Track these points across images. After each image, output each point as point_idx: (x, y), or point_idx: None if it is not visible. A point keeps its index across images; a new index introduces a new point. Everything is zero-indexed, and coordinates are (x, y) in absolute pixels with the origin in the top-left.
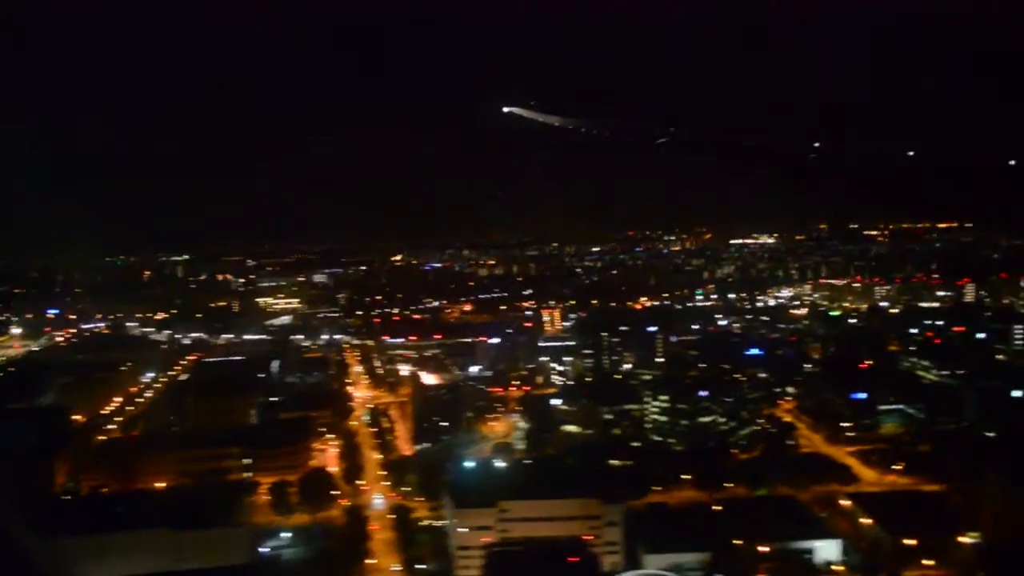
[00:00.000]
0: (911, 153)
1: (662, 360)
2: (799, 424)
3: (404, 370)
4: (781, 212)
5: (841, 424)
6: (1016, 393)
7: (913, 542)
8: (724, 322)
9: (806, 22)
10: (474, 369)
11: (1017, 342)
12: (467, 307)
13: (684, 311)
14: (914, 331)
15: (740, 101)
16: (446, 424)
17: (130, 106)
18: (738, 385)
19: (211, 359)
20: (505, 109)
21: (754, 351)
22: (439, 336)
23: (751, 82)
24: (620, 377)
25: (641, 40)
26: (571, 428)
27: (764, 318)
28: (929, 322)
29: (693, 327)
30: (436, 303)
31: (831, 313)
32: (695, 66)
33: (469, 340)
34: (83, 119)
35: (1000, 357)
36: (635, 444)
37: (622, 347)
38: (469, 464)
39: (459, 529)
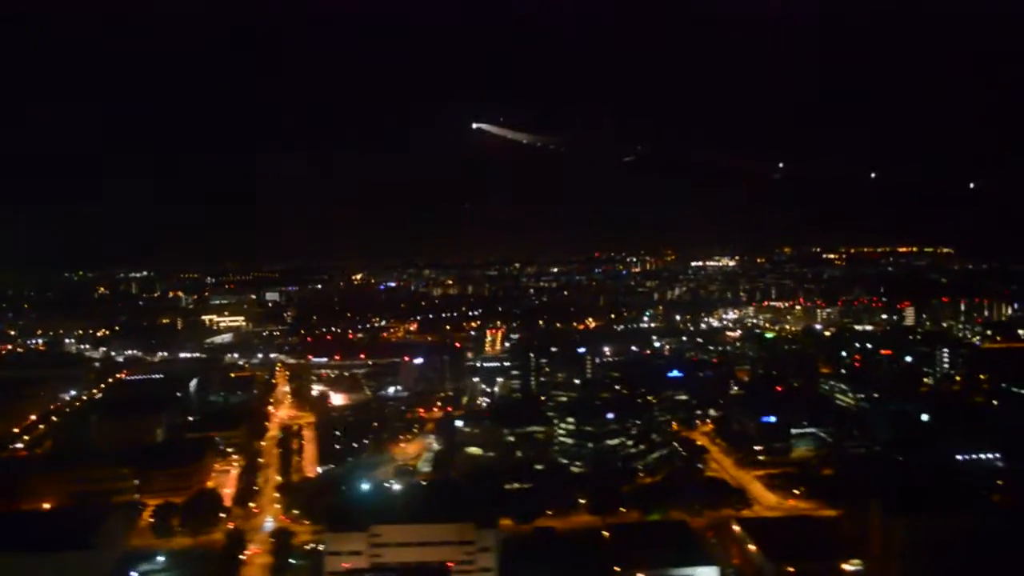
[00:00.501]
0: (873, 175)
1: (582, 382)
2: (713, 447)
3: (318, 391)
4: (746, 234)
5: (753, 448)
6: (925, 416)
7: (791, 569)
8: (659, 344)
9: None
10: (391, 390)
11: (944, 365)
12: (412, 327)
13: (624, 332)
14: (844, 354)
15: (707, 121)
16: (354, 446)
17: (101, 117)
18: (649, 407)
19: (131, 377)
20: (474, 126)
21: (675, 373)
22: (363, 356)
23: (717, 102)
24: (530, 398)
25: (608, 59)
26: (474, 450)
27: (699, 340)
28: (859, 345)
29: (627, 348)
30: (383, 322)
31: (766, 335)
32: (663, 86)
33: (394, 360)
34: (51, 130)
35: (927, 380)
36: (538, 467)
37: (551, 368)
38: (358, 487)
39: (329, 554)
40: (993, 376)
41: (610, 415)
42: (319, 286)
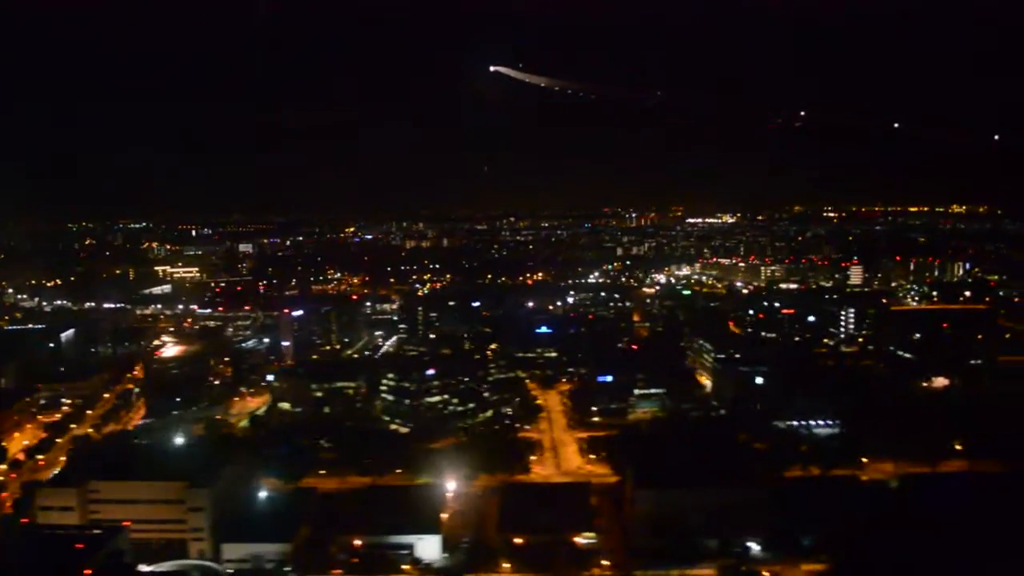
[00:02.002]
0: (896, 125)
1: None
2: (556, 407)
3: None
4: (766, 192)
5: (591, 408)
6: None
7: (519, 540)
8: (571, 299)
9: None
10: (261, 341)
11: (849, 326)
12: (356, 280)
13: (554, 287)
14: (751, 312)
15: (728, 68)
16: (178, 399)
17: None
18: (482, 364)
19: (11, 327)
20: (492, 68)
21: (544, 330)
22: (248, 308)
23: (741, 49)
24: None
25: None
26: (285, 406)
27: (616, 295)
28: (767, 304)
29: (535, 303)
30: (337, 274)
31: (683, 292)
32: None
33: (273, 313)
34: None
35: (827, 341)
36: (348, 424)
37: (440, 322)
38: (157, 442)
39: (41, 509)
40: (889, 337)
41: (430, 372)
42: (300, 238)
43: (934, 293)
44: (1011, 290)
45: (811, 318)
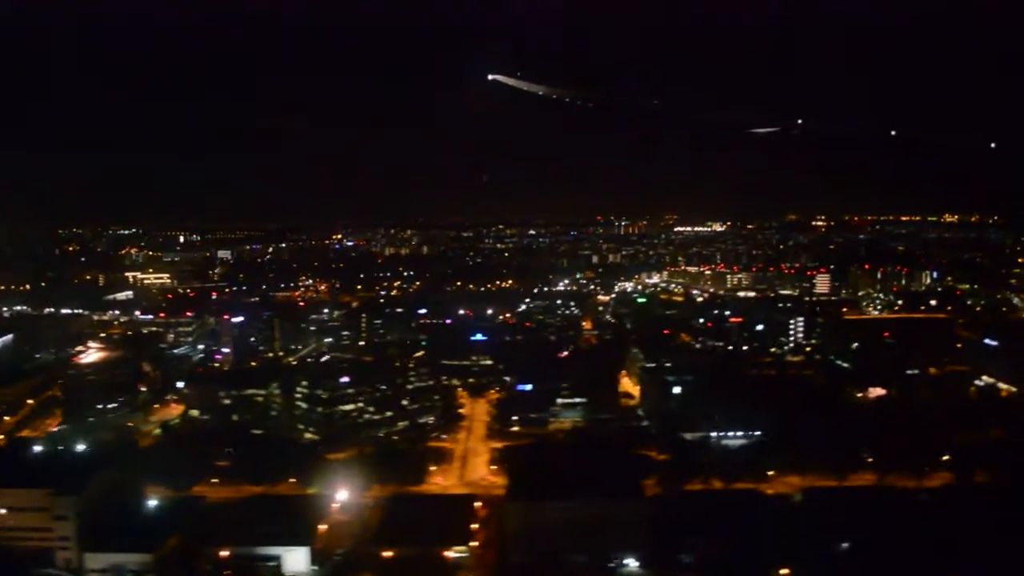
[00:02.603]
0: (893, 133)
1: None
2: (482, 415)
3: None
4: (762, 201)
5: (511, 417)
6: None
7: (388, 554)
8: (523, 307)
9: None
10: (185, 348)
11: (798, 335)
12: (323, 286)
13: (512, 295)
14: (701, 320)
15: (727, 77)
16: (99, 406)
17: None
18: (402, 372)
19: None
20: (490, 77)
21: (479, 337)
22: (189, 313)
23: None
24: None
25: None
26: (195, 412)
27: (571, 302)
28: (716, 312)
29: (485, 310)
30: (309, 281)
31: (638, 300)
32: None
33: (210, 319)
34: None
35: (774, 350)
36: (255, 432)
37: (382, 330)
38: (64, 448)
39: None
40: (832, 347)
41: (344, 379)
42: (283, 244)
43: (900, 302)
44: (979, 299)
45: (759, 327)
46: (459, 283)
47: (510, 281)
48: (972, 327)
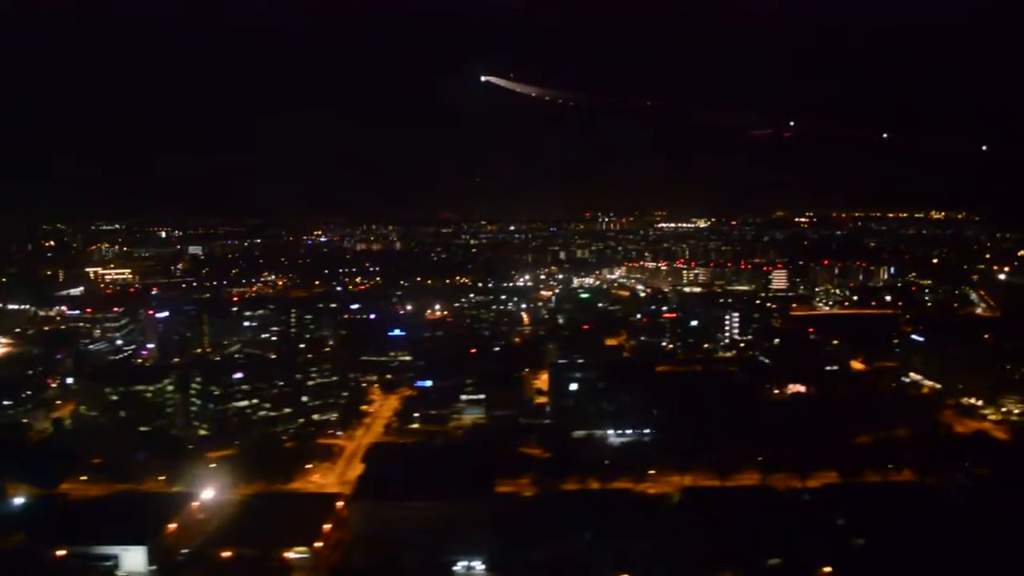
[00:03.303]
0: (885, 135)
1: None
2: (386, 413)
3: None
4: (748, 196)
5: (413, 414)
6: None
7: (228, 554)
8: (465, 300)
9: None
10: (103, 344)
11: (734, 331)
12: (282, 281)
13: (455, 291)
14: (638, 316)
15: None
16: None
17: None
18: (302, 368)
19: None
20: (483, 79)
21: (396, 332)
22: (116, 309)
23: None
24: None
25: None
26: (83, 409)
27: (514, 298)
28: (654, 307)
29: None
30: (272, 276)
31: (581, 295)
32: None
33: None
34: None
35: (707, 346)
36: (144, 428)
37: (312, 325)
38: None
39: None
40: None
41: (238, 375)
42: (258, 240)
43: (855, 297)
44: (936, 294)
45: (694, 323)
46: (418, 278)
47: (470, 277)
48: (916, 323)
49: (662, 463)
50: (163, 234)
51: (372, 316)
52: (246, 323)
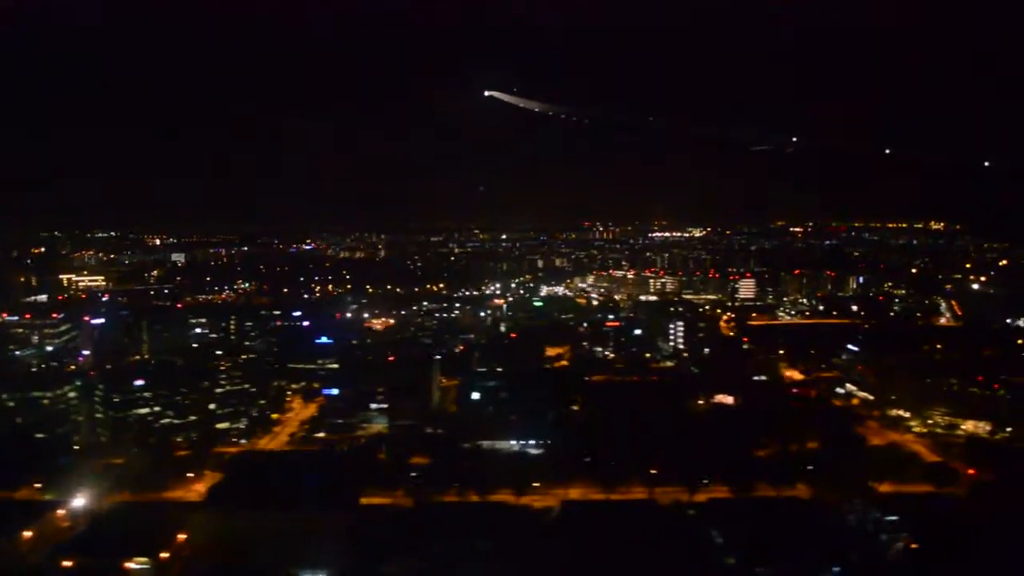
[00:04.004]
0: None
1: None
2: (297, 420)
3: None
4: (750, 206)
5: (323, 421)
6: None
7: (68, 564)
8: (417, 308)
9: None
10: (30, 350)
11: (678, 340)
12: (250, 288)
13: (412, 299)
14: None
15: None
16: None
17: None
18: (210, 375)
19: None
20: (486, 93)
21: (323, 340)
22: (55, 316)
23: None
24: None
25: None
26: None
27: (468, 306)
28: (599, 316)
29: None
30: (245, 284)
31: (535, 304)
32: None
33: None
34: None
35: (648, 355)
36: (40, 435)
37: (252, 332)
38: None
39: None
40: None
41: (139, 382)
42: (245, 248)
43: (820, 307)
44: (907, 304)
45: (638, 331)
46: (388, 286)
47: (439, 284)
48: (867, 332)
49: (552, 475)
50: (158, 241)
51: (306, 323)
52: (186, 330)
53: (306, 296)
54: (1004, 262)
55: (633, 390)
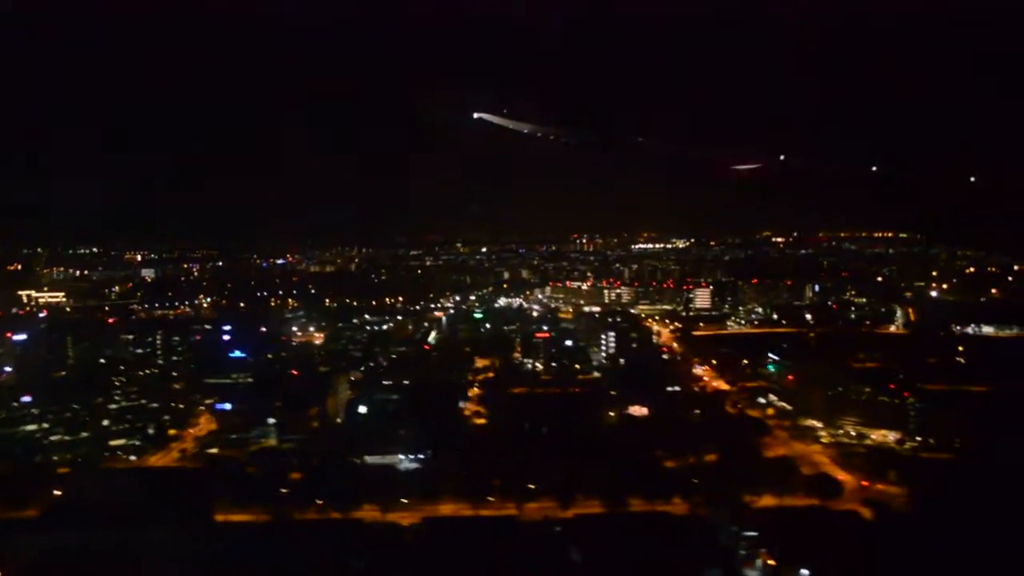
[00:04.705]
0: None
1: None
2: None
3: None
4: (740, 221)
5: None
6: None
7: None
8: (358, 320)
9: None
10: None
11: (611, 350)
12: (208, 304)
13: (363, 310)
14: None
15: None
16: None
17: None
18: (104, 389)
19: None
20: (475, 115)
21: (238, 354)
22: None
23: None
24: None
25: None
26: None
27: (410, 318)
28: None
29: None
30: (206, 299)
31: (475, 316)
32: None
33: None
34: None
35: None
36: None
37: (180, 347)
38: None
39: None
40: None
41: (26, 399)
42: (220, 264)
43: (774, 316)
44: (863, 312)
45: (568, 343)
46: (346, 299)
47: (400, 297)
48: (802, 340)
49: (425, 491)
50: (139, 257)
51: (227, 337)
52: (113, 346)
53: (254, 310)
54: (971, 270)
55: (543, 403)
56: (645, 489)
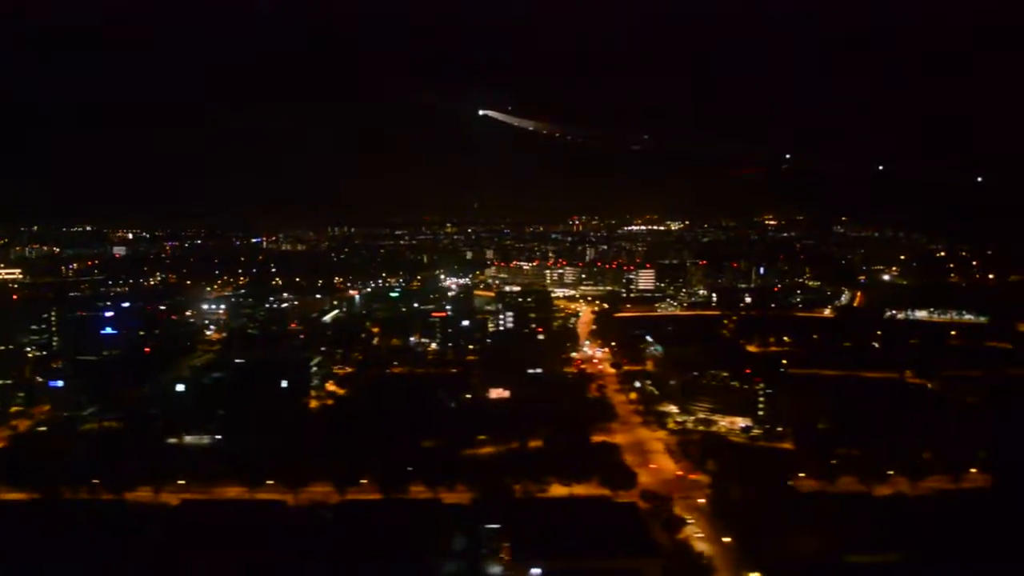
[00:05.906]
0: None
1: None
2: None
3: None
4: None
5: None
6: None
7: None
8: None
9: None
10: None
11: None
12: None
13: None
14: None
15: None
16: None
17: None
18: None
19: None
20: (481, 112)
21: (109, 331)
22: None
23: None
24: None
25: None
26: None
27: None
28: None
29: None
30: (173, 277)
31: (392, 295)
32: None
33: None
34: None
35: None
36: None
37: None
38: None
39: None
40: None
41: None
42: (199, 241)
43: (713, 298)
44: (807, 296)
45: (466, 323)
46: (296, 278)
47: (349, 277)
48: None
49: (210, 474)
50: (130, 235)
51: (108, 314)
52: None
53: (187, 287)
54: (942, 254)
55: (403, 385)
56: (431, 476)
